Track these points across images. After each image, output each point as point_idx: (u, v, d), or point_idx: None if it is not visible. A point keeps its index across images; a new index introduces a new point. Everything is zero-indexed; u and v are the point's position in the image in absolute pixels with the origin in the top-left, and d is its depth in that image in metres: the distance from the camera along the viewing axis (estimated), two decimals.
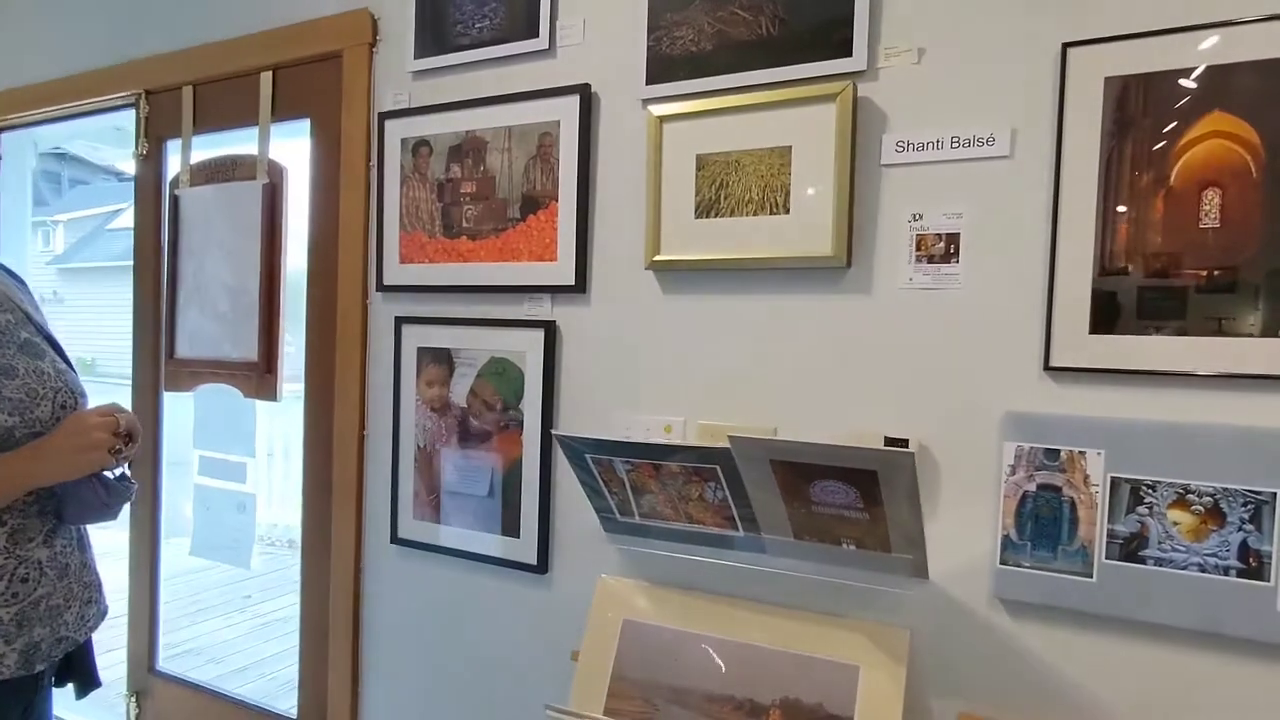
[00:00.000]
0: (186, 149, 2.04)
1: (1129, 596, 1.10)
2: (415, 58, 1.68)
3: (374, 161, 1.73)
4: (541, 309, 1.56)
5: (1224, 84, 1.05)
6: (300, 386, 1.94)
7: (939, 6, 1.22)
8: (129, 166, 2.21)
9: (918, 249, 1.24)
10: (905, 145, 1.24)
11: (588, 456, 1.34)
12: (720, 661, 1.34)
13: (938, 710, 1.24)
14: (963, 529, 1.21)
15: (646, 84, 1.43)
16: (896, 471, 1.08)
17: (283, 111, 1.90)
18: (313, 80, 1.83)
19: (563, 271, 1.52)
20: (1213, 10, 1.05)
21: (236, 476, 2.03)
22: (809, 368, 1.32)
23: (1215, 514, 1.06)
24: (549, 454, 1.54)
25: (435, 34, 1.66)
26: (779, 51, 1.31)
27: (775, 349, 1.34)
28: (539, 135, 1.53)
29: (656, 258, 1.41)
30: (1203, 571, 1.06)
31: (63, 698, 1.22)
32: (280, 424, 4.18)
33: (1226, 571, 1.05)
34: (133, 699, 2.23)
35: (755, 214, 1.33)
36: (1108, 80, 1.11)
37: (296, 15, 1.84)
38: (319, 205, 1.85)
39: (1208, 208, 1.06)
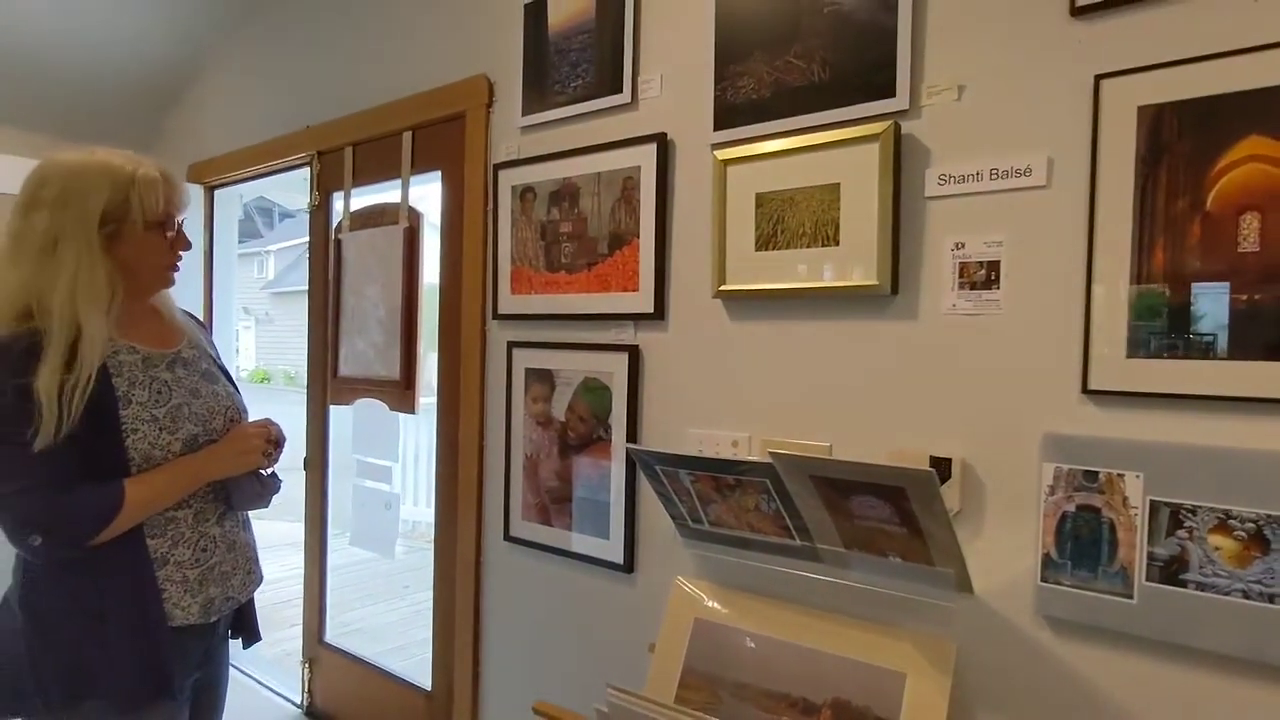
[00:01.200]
0: (347, 199, 2.42)
1: (1170, 620, 1.11)
2: (523, 115, 1.92)
3: (490, 206, 1.99)
4: (626, 334, 1.74)
5: (1261, 107, 1.04)
6: (434, 400, 2.24)
7: (976, 46, 1.27)
8: None
9: (960, 276, 1.30)
10: (947, 178, 1.30)
11: (657, 468, 1.50)
12: (779, 661, 1.44)
13: (980, 716, 1.28)
14: (1006, 546, 1.25)
15: (714, 130, 1.57)
16: (921, 488, 1.15)
17: (420, 165, 2.22)
18: (443, 138, 2.13)
19: (644, 300, 1.69)
20: (1243, 36, 1.05)
21: (384, 478, 2.36)
22: (860, 389, 1.40)
23: (1259, 540, 1.05)
24: (633, 465, 1.71)
25: (539, 93, 1.89)
26: (829, 95, 1.41)
27: (829, 371, 1.44)
28: (623, 179, 1.72)
29: (722, 287, 1.55)
30: (1246, 598, 1.05)
31: (257, 663, 1.53)
32: (425, 430, 4.67)
33: (1272, 599, 1.04)
34: (306, 665, 2.64)
35: (809, 246, 1.44)
36: (1140, 109, 1.13)
37: (430, 83, 2.15)
38: (448, 245, 2.14)
39: (1246, 232, 1.06)
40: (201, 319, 1.62)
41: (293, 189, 3.68)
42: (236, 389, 1.47)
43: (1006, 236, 1.25)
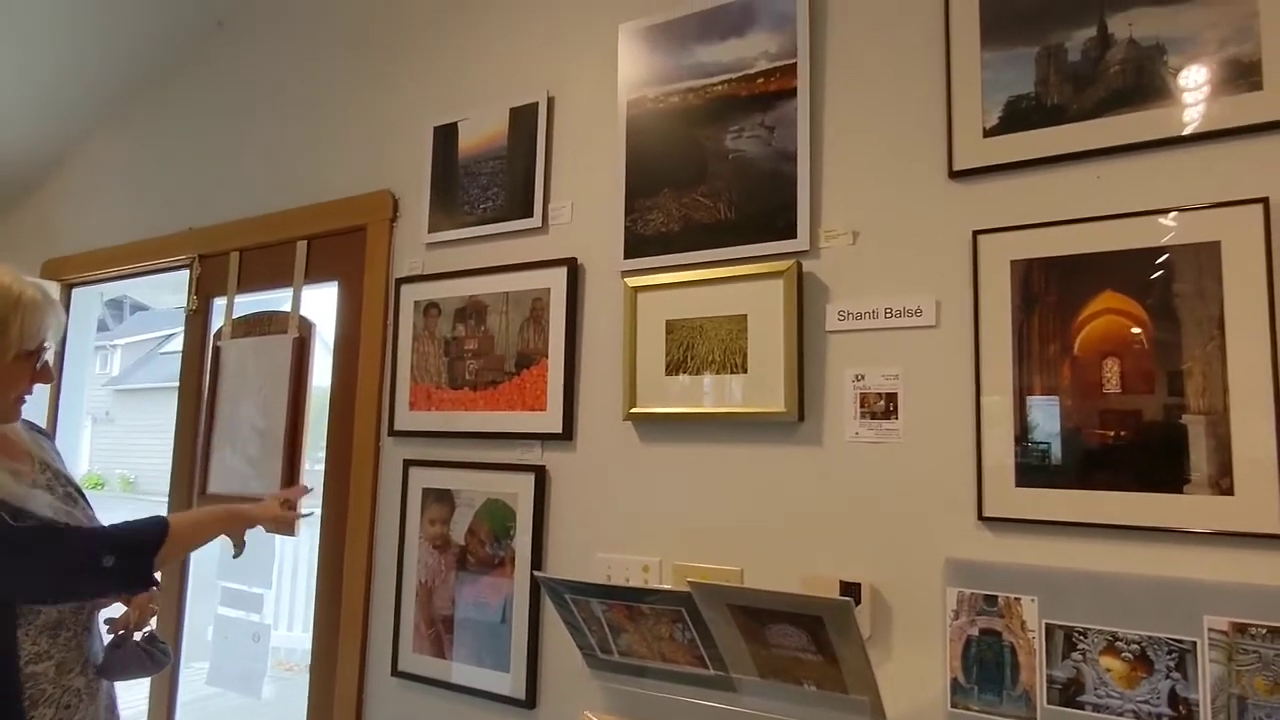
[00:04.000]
0: (230, 306, 2.29)
1: None
2: (429, 231, 1.92)
3: (390, 320, 1.95)
4: (533, 454, 1.70)
5: (1111, 267, 1.19)
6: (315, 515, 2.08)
7: (868, 197, 1.40)
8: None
9: (861, 406, 1.37)
10: (846, 314, 1.40)
11: (567, 596, 1.44)
12: None
13: None
14: (915, 670, 1.28)
15: (624, 258, 1.62)
16: (839, 617, 1.17)
17: (314, 275, 2.15)
18: (341, 249, 2.08)
19: (551, 420, 1.67)
20: (1093, 206, 1.21)
21: (254, 607, 2.15)
22: (770, 513, 1.43)
23: (1143, 661, 1.12)
24: (538, 591, 1.65)
25: (447, 211, 1.90)
26: (735, 233, 1.50)
27: (739, 495, 1.46)
28: (532, 300, 1.73)
29: (633, 410, 1.56)
30: (1137, 719, 1.12)
31: None
32: (304, 545, 4.32)
33: (1159, 719, 1.10)
34: None
35: (718, 372, 1.49)
36: (1014, 262, 1.26)
37: (329, 194, 2.12)
38: (342, 356, 2.06)
39: (1109, 374, 1.19)
40: (43, 425, 1.46)
41: (159, 287, 3.46)
42: (89, 508, 1.35)
43: (902, 370, 1.34)
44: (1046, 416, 1.22)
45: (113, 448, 17.38)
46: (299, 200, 2.18)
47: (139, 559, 1.21)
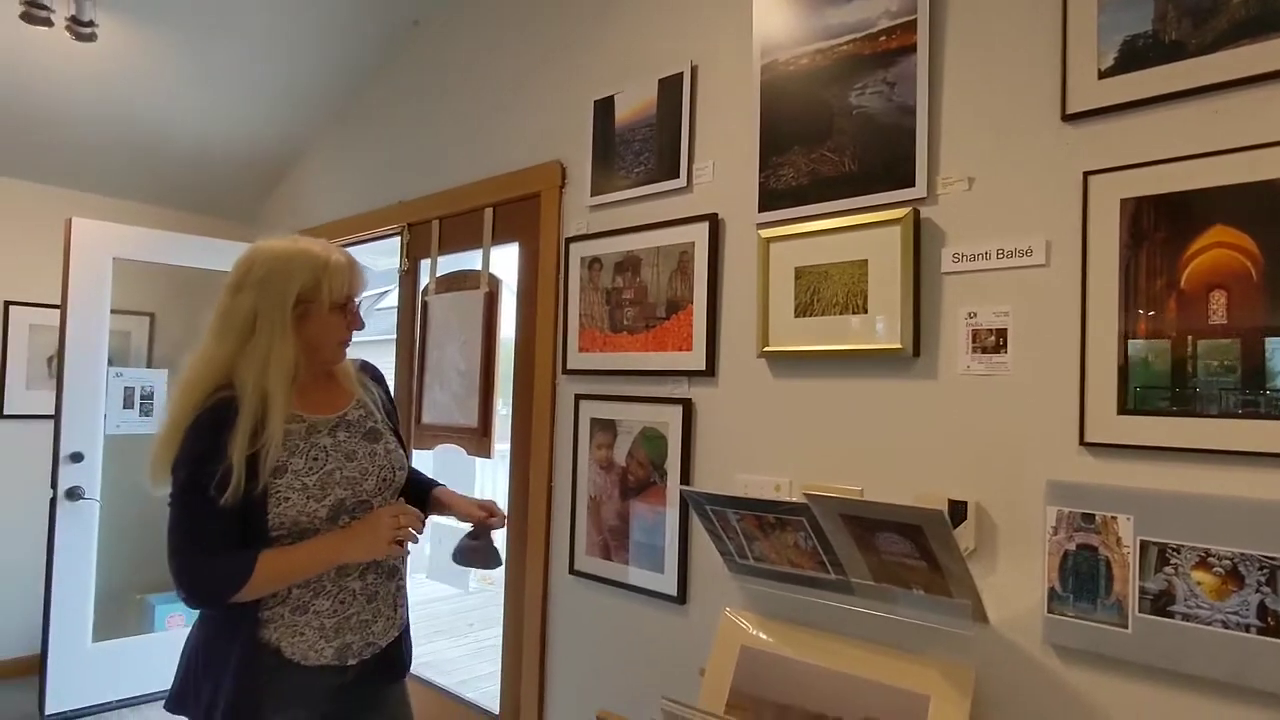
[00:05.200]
0: (434, 266, 2.73)
1: (1161, 648, 1.25)
2: (591, 195, 2.20)
3: (562, 274, 2.26)
4: (681, 389, 1.96)
5: (1223, 201, 1.22)
6: (507, 447, 2.48)
7: (983, 144, 1.49)
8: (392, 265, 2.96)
9: (973, 342, 1.49)
10: (960, 256, 1.51)
11: (708, 508, 1.70)
12: (817, 684, 1.61)
13: None
14: (1017, 580, 1.41)
15: (759, 211, 1.81)
16: (936, 526, 1.33)
17: (499, 237, 2.51)
18: (520, 214, 2.42)
19: (697, 359, 1.91)
20: (1206, 142, 1.24)
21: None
22: (887, 439, 1.59)
23: (1235, 576, 1.19)
24: (686, 505, 1.91)
25: (606, 176, 2.16)
26: (858, 184, 1.64)
27: (860, 423, 1.63)
28: (679, 253, 1.96)
29: (766, 348, 1.77)
30: (1226, 628, 1.19)
31: None
32: (500, 475, 4.92)
33: (1248, 629, 1.18)
34: None
35: (841, 314, 1.65)
36: (1123, 201, 1.32)
37: (509, 166, 2.46)
38: (523, 307, 2.41)
39: (1215, 307, 1.23)
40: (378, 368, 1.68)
41: (377, 252, 4.06)
42: (401, 442, 1.56)
43: (1013, 308, 1.44)
44: (1150, 348, 1.28)
45: None
46: (485, 173, 2.55)
47: (210, 599, 1.33)
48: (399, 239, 2.91)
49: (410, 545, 1.48)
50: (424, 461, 2.81)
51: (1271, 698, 1.16)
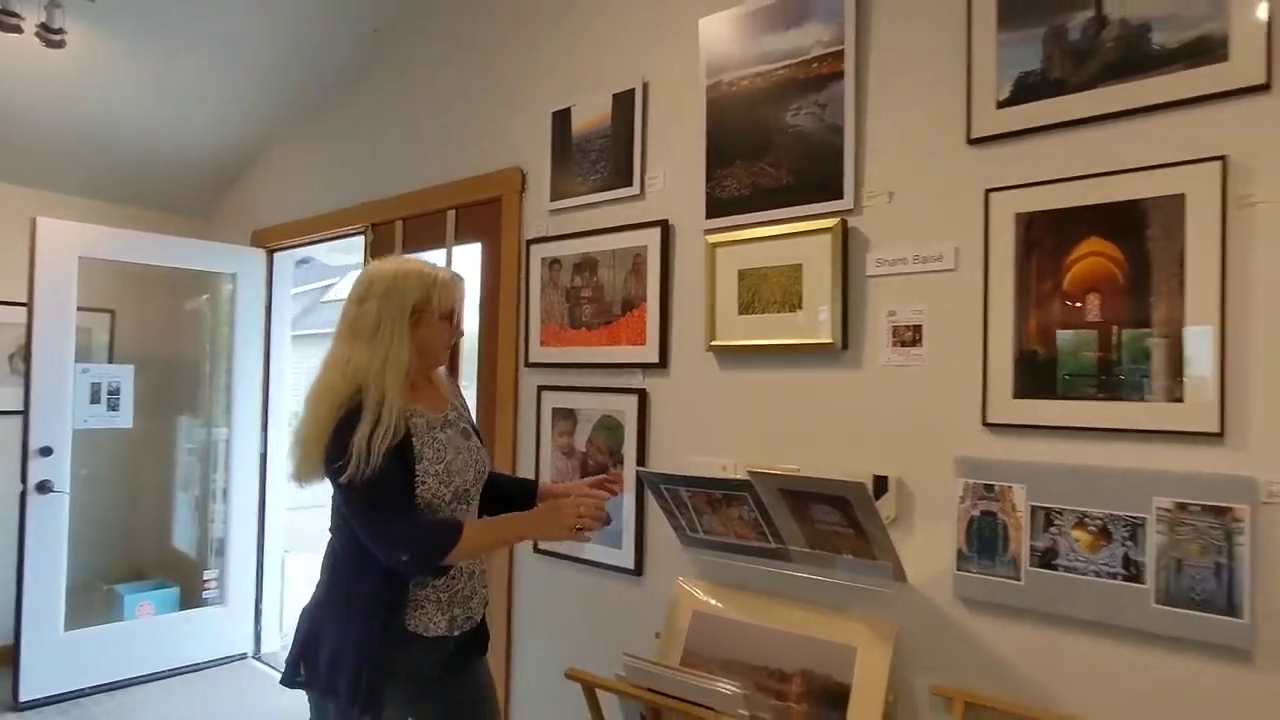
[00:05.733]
0: None
1: (1047, 595, 1.47)
2: (550, 200, 2.34)
3: (523, 274, 2.41)
4: (636, 380, 2.13)
5: (1097, 216, 1.44)
6: None
7: (901, 163, 1.69)
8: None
9: (893, 336, 1.69)
10: (882, 261, 1.71)
11: (661, 486, 1.87)
12: (760, 642, 1.80)
13: (916, 685, 1.63)
14: (931, 544, 1.62)
15: (706, 219, 1.98)
16: (859, 497, 1.53)
17: (462, 238, 2.64)
18: (482, 216, 2.56)
19: (650, 353, 2.09)
20: (1085, 166, 1.46)
21: None
22: (820, 423, 1.79)
23: (1104, 534, 1.42)
24: (642, 486, 2.09)
25: (564, 182, 2.32)
26: (793, 195, 1.83)
27: (796, 409, 1.82)
28: (633, 255, 2.13)
29: (713, 343, 1.95)
30: (1098, 577, 1.42)
31: None
32: None
33: (1115, 577, 1.40)
34: None
35: (779, 312, 1.84)
36: (1018, 215, 1.53)
37: (472, 171, 2.59)
38: (486, 304, 2.55)
39: (1090, 306, 1.45)
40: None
41: (335, 249, 4.12)
42: (482, 443, 1.71)
43: (927, 306, 1.65)
44: (1039, 340, 1.50)
45: (289, 389, 19.52)
46: (447, 177, 2.67)
47: (423, 565, 1.47)
48: (362, 238, 3.01)
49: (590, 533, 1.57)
50: None
51: (1132, 632, 1.39)
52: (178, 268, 3.42)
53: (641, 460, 2.10)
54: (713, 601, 1.91)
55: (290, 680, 1.56)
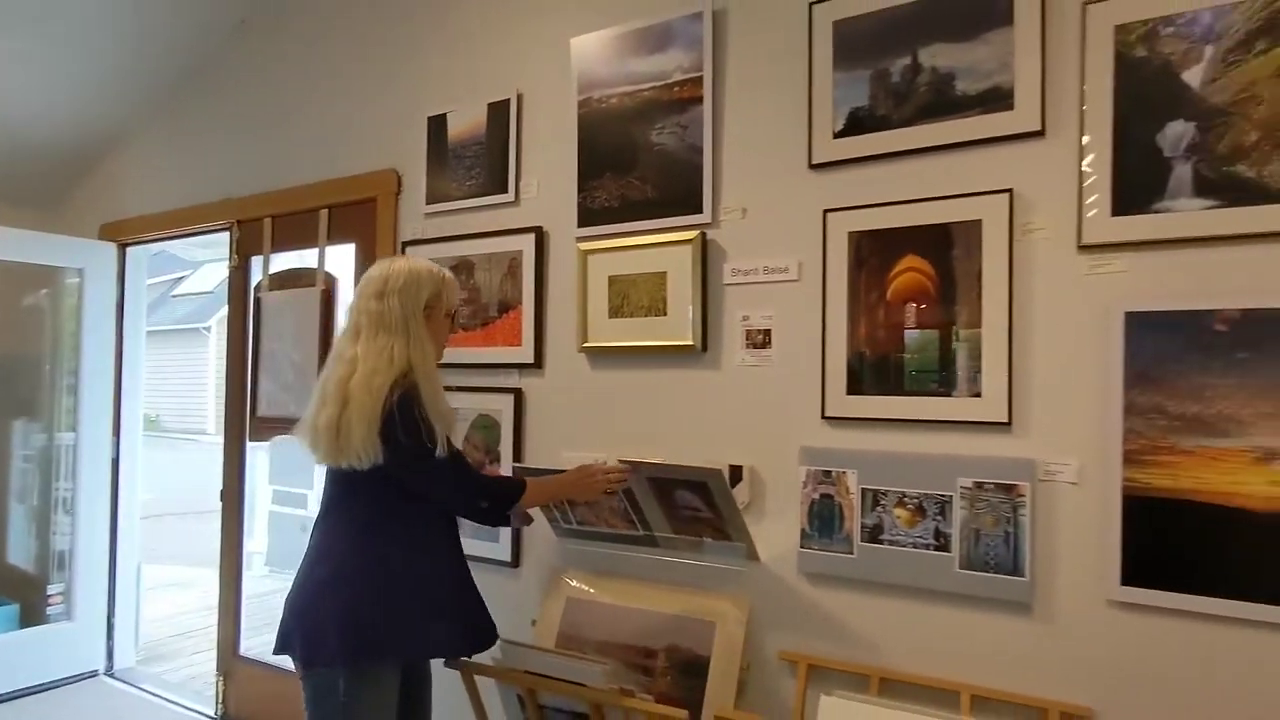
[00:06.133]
0: (267, 263, 2.78)
1: (875, 566, 1.69)
2: (426, 203, 2.39)
3: None
4: (512, 380, 2.22)
5: (913, 237, 1.67)
6: None
7: (753, 183, 1.87)
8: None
9: (746, 339, 1.87)
10: (737, 271, 1.88)
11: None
12: (629, 622, 1.94)
13: (767, 650, 1.82)
14: (780, 525, 1.81)
15: (578, 227, 2.09)
16: (716, 482, 1.69)
17: (335, 237, 2.63)
18: (356, 216, 2.56)
19: (526, 353, 2.18)
20: (902, 192, 1.68)
21: (300, 504, 2.71)
22: (682, 418, 1.94)
23: (920, 510, 1.65)
24: None
25: (440, 187, 2.36)
26: (658, 208, 1.97)
27: (661, 406, 1.97)
28: (509, 259, 2.21)
29: (585, 344, 2.07)
30: (915, 548, 1.65)
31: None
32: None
33: (928, 548, 1.63)
34: (220, 678, 2.90)
35: (645, 316, 1.98)
36: (850, 234, 1.74)
37: (346, 171, 2.58)
38: None
39: (909, 315, 1.67)
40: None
41: (193, 244, 3.94)
42: None
43: (775, 313, 1.83)
44: (867, 344, 1.71)
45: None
46: (320, 175, 2.65)
47: (501, 509, 1.75)
48: (227, 235, 2.92)
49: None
50: (259, 455, 2.87)
51: (942, 594, 1.63)
52: (17, 262, 3.17)
53: (517, 457, 2.19)
54: (585, 588, 2.04)
55: (311, 655, 1.55)
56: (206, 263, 15.13)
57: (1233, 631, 1.38)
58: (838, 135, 1.76)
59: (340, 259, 2.65)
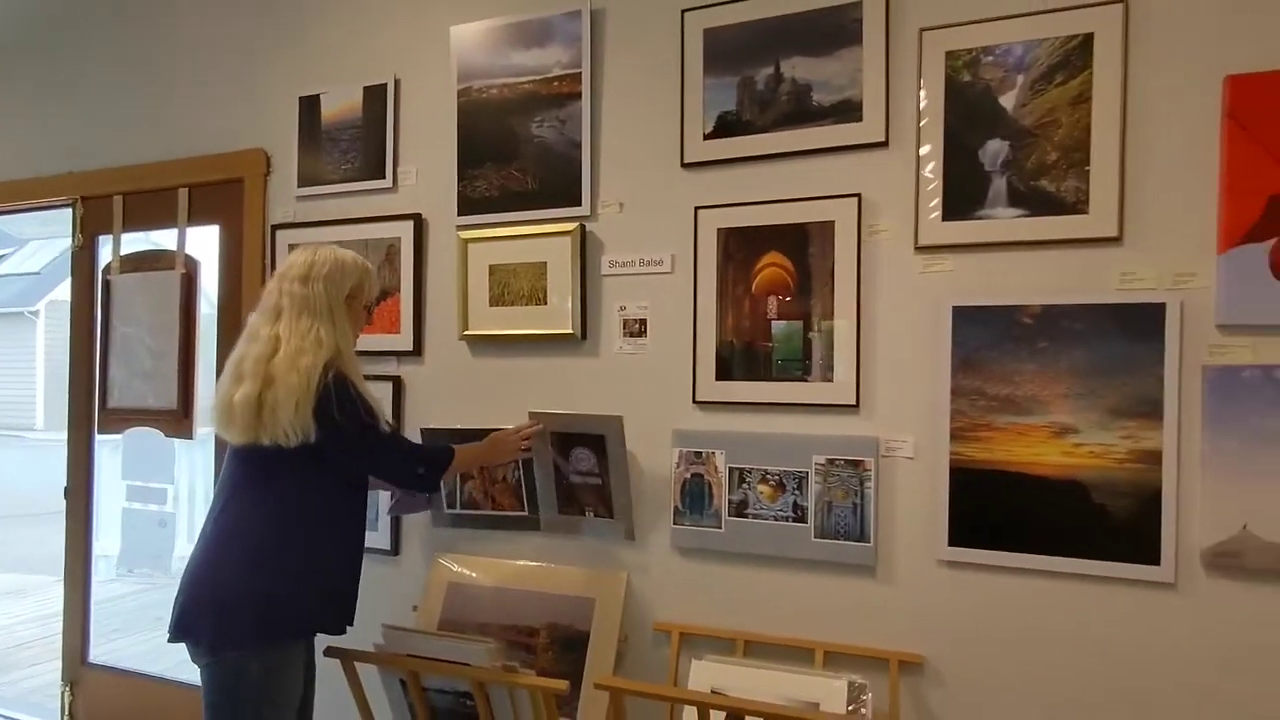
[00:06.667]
0: (117, 244, 2.61)
1: (741, 539, 1.83)
2: (299, 186, 2.32)
3: (269, 260, 2.36)
4: (391, 367, 2.21)
5: (775, 235, 1.81)
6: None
7: (630, 179, 1.95)
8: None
9: (624, 328, 1.96)
10: (615, 263, 1.96)
11: None
12: (510, 603, 2.00)
13: (643, 622, 1.93)
14: (656, 504, 1.92)
15: (458, 215, 2.11)
16: (613, 430, 1.79)
17: (197, 218, 2.50)
18: (221, 197, 2.45)
19: (405, 341, 2.18)
20: (765, 193, 1.81)
21: (159, 499, 2.57)
22: (562, 403, 2.01)
23: (780, 486, 1.80)
24: None
25: (313, 169, 2.31)
26: (538, 200, 2.02)
27: (544, 392, 2.03)
28: (387, 246, 2.20)
29: (466, 332, 2.09)
30: (776, 520, 1.80)
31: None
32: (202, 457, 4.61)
33: (787, 519, 1.79)
34: (67, 688, 2.72)
35: (526, 305, 2.03)
36: (719, 230, 1.86)
37: (209, 149, 2.47)
38: (226, 288, 2.45)
39: (771, 307, 1.82)
40: None
41: (26, 221, 3.63)
42: None
43: (650, 303, 1.93)
44: (734, 333, 1.84)
45: None
46: (180, 152, 2.51)
47: (437, 474, 1.75)
48: (69, 211, 2.71)
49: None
50: (112, 447, 2.70)
51: (800, 561, 1.79)
52: None
53: None
54: (467, 571, 2.07)
55: (221, 638, 1.51)
56: (33, 240, 13.69)
57: (1038, 581, 1.61)
58: (708, 137, 1.87)
59: (202, 241, 2.53)
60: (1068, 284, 1.59)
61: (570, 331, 1.97)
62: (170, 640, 1.57)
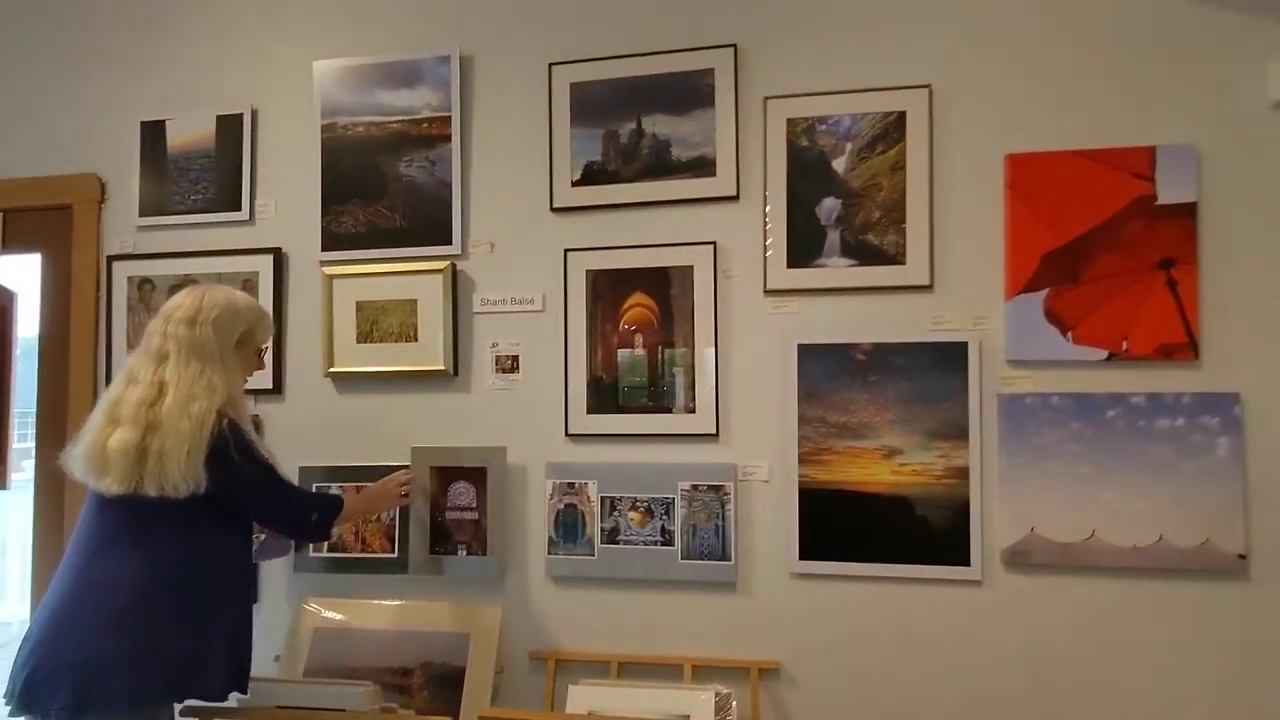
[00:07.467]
0: None
1: (614, 565, 1.93)
2: (140, 215, 2.19)
3: (103, 293, 2.20)
4: (249, 407, 2.12)
5: (639, 277, 1.94)
6: (26, 475, 2.28)
7: (501, 221, 2.02)
8: None
9: (496, 365, 2.02)
10: (487, 301, 2.02)
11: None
12: (382, 644, 1.97)
13: (518, 652, 1.97)
14: (530, 534, 1.98)
15: (322, 250, 2.09)
16: (495, 462, 1.84)
17: (14, 245, 2.29)
18: (45, 224, 2.25)
19: (263, 379, 2.10)
20: (629, 239, 1.95)
21: None
22: (436, 440, 2.03)
23: (649, 512, 1.92)
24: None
25: (157, 198, 2.19)
26: (408, 238, 2.04)
27: (415, 429, 2.04)
28: (243, 280, 2.12)
29: (331, 369, 2.06)
30: (646, 545, 1.91)
31: None
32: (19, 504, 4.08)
33: (656, 544, 1.91)
34: None
35: (396, 341, 2.04)
36: (588, 271, 1.97)
37: (31, 171, 2.27)
38: (50, 324, 2.26)
39: (638, 344, 1.94)
40: None
41: None
42: None
43: (522, 340, 2.00)
44: (604, 368, 1.95)
45: None
46: None
47: (327, 524, 1.72)
48: None
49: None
50: None
51: (669, 582, 1.91)
52: None
53: None
54: (335, 615, 2.03)
55: (86, 700, 1.38)
56: None
57: (874, 587, 1.83)
58: (576, 184, 1.99)
59: (20, 271, 2.31)
60: (892, 324, 1.83)
61: (442, 367, 2.00)
62: (11, 714, 1.43)
